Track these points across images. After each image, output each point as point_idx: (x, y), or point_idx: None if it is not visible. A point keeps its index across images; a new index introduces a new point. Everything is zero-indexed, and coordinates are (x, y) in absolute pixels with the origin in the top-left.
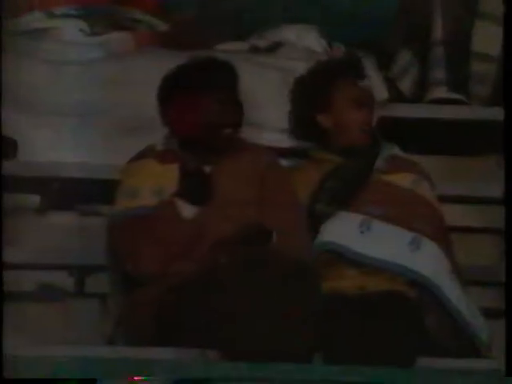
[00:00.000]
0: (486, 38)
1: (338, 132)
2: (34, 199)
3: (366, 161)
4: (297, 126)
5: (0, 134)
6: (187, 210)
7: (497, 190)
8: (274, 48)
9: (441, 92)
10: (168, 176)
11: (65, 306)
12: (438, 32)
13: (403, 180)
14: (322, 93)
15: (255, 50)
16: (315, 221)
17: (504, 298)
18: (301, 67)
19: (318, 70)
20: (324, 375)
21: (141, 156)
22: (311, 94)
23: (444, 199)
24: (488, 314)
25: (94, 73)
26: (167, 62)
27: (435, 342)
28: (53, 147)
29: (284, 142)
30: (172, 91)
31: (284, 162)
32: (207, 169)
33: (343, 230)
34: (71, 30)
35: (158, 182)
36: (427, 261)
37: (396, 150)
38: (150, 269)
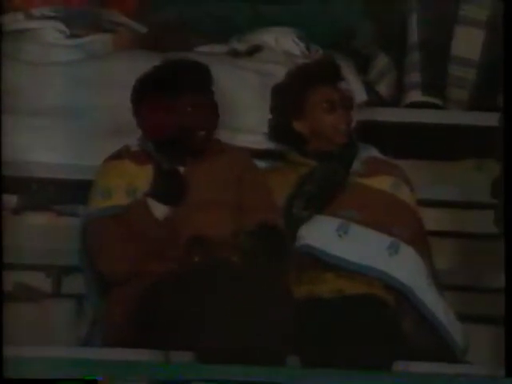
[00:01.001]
0: (467, 43)
1: (313, 137)
2: (11, 199)
3: (341, 163)
4: (275, 132)
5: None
6: (159, 210)
7: (474, 194)
8: (252, 51)
9: (416, 96)
10: (142, 176)
11: (41, 307)
12: (413, 36)
13: (382, 183)
14: (297, 99)
15: (234, 53)
16: (292, 225)
17: (504, 303)
18: (279, 71)
19: (292, 77)
20: (299, 378)
21: (116, 156)
22: (286, 101)
23: (422, 203)
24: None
25: (73, 74)
26: (147, 64)
27: (411, 345)
28: (30, 148)
29: (261, 143)
30: (145, 93)
31: (260, 164)
32: (182, 170)
33: (320, 234)
34: (50, 31)
35: (132, 183)
36: (405, 266)
37: (374, 152)
38: (123, 268)
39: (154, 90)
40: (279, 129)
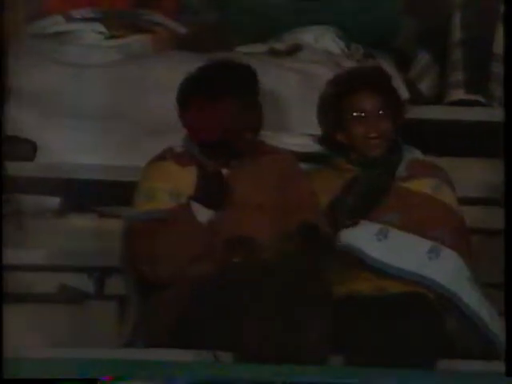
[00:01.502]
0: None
1: (353, 147)
2: (54, 201)
3: (386, 170)
4: (321, 141)
5: (0, 135)
6: (203, 214)
7: None
8: (292, 51)
9: (459, 94)
10: (186, 178)
11: (84, 308)
12: (456, 34)
13: (423, 186)
14: (335, 111)
15: (274, 52)
16: (334, 231)
17: (504, 299)
18: (320, 70)
19: (329, 87)
20: (343, 377)
21: (159, 158)
22: (327, 113)
23: (464, 201)
24: None
25: (113, 76)
26: (186, 65)
27: (456, 344)
28: (73, 149)
29: (305, 146)
30: (191, 94)
31: (304, 167)
32: (225, 172)
33: (361, 237)
34: (90, 33)
35: (175, 185)
36: (446, 270)
37: (417, 154)
38: (166, 272)
39: (200, 92)
40: (325, 138)
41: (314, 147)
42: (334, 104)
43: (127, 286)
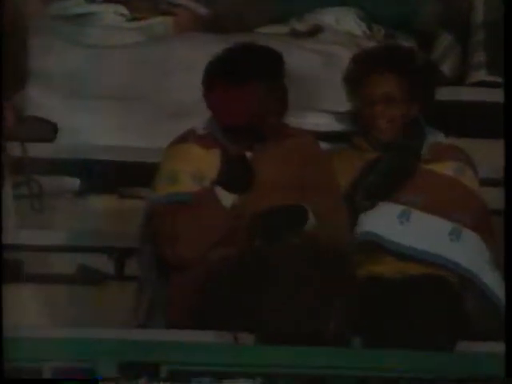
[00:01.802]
0: None
1: (373, 125)
2: (74, 182)
3: (409, 153)
4: (349, 116)
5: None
6: (227, 199)
7: None
8: (314, 32)
9: (482, 75)
10: (209, 161)
11: (104, 289)
12: (478, 15)
13: (446, 168)
14: (360, 88)
15: (295, 33)
16: (354, 211)
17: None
18: (341, 51)
19: (354, 63)
20: (362, 360)
21: (182, 140)
22: (352, 89)
23: (485, 183)
24: None
25: (135, 57)
26: (208, 46)
27: (475, 326)
28: (93, 130)
29: (327, 125)
30: (217, 76)
31: (326, 146)
32: (249, 155)
33: (382, 221)
34: (111, 15)
35: (198, 167)
36: (467, 252)
37: (440, 137)
38: (188, 254)
39: (227, 74)
40: (349, 113)
41: (336, 126)
42: (359, 80)
43: (145, 268)
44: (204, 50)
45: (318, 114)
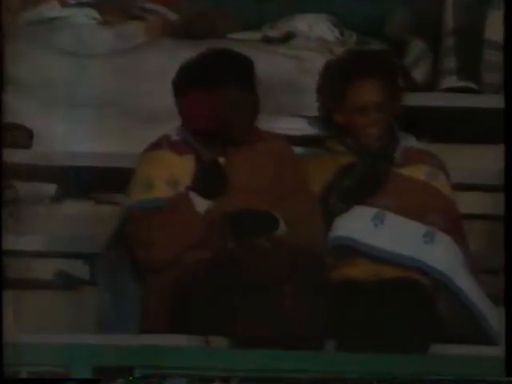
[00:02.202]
0: (500, 27)
1: (350, 131)
2: (50, 188)
3: (383, 158)
4: (317, 119)
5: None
6: (200, 204)
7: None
8: (286, 38)
9: (452, 81)
10: (182, 167)
11: (80, 294)
12: (449, 22)
13: (418, 172)
14: (339, 93)
15: (267, 39)
16: (329, 214)
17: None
18: (314, 57)
19: (337, 67)
20: (335, 363)
21: (156, 146)
22: (329, 94)
23: (457, 187)
24: None
25: (110, 65)
26: (180, 53)
27: (448, 328)
28: (68, 137)
29: (299, 130)
30: (187, 82)
31: (299, 150)
32: (222, 160)
33: (356, 224)
34: (83, 18)
35: (172, 173)
36: (440, 254)
37: (412, 142)
38: (163, 257)
39: (197, 80)
40: (322, 116)
41: (308, 130)
42: (339, 86)
43: (105, 273)
44: (177, 57)
45: (291, 118)
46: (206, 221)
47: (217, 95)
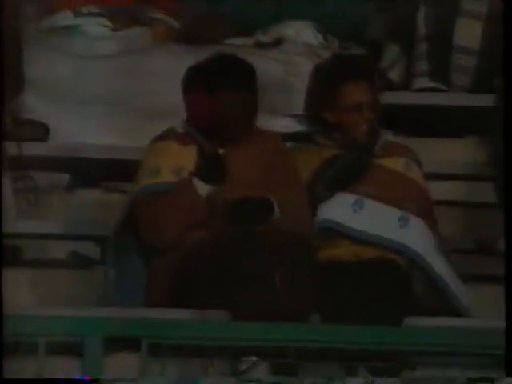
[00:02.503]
0: (468, 33)
1: (340, 127)
2: (64, 177)
3: (365, 151)
4: (306, 116)
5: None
6: (202, 188)
7: (474, 167)
8: (277, 43)
9: (424, 82)
10: (187, 156)
11: (91, 272)
12: (421, 28)
13: (395, 163)
14: (329, 93)
15: (260, 44)
16: (315, 201)
17: (504, 298)
18: (301, 60)
19: (328, 70)
20: (320, 334)
21: (162, 137)
22: (319, 94)
23: (430, 177)
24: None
25: (117, 65)
26: (182, 56)
27: (421, 303)
28: (80, 131)
29: (290, 127)
30: (194, 83)
31: (290, 145)
32: (222, 151)
33: (338, 209)
34: (95, 26)
35: (177, 162)
36: (414, 235)
37: (389, 136)
38: (168, 236)
39: (201, 82)
40: (311, 114)
41: (297, 127)
42: (330, 86)
43: (125, 254)
44: (179, 60)
45: (283, 117)
46: (207, 204)
47: (218, 97)
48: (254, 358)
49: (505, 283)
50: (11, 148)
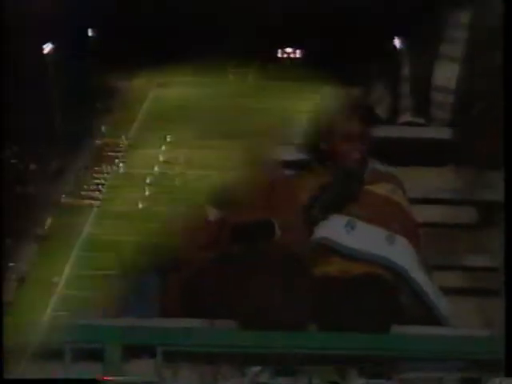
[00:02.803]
0: (445, 74)
1: (334, 156)
2: None
3: (356, 178)
4: (305, 148)
5: None
6: (212, 214)
7: (453, 192)
8: None
9: (407, 117)
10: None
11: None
12: (405, 70)
13: (382, 189)
14: (326, 129)
15: None
16: (311, 222)
17: (504, 301)
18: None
19: (328, 115)
20: (316, 341)
21: None
22: (318, 130)
23: (414, 201)
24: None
25: None
26: None
27: (406, 313)
28: None
29: (291, 155)
30: None
31: (289, 172)
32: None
33: (332, 229)
34: None
35: None
36: (400, 252)
37: (376, 164)
38: (183, 256)
39: None
40: (309, 146)
41: (297, 156)
42: (328, 124)
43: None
44: None
45: (283, 147)
46: (216, 226)
47: None
48: (258, 368)
49: (505, 293)
50: None
